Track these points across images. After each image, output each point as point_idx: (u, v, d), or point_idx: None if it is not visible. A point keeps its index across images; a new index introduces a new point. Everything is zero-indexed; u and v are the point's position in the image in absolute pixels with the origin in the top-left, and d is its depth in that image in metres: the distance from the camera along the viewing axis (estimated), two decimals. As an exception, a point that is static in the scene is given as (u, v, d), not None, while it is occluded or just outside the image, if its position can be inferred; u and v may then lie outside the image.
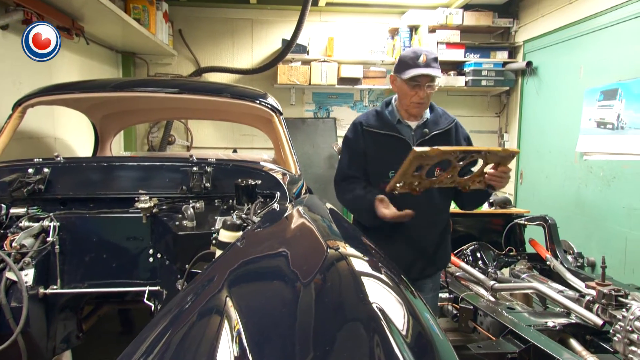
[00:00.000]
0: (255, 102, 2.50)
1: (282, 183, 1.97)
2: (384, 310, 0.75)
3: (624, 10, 3.36)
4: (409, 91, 1.97)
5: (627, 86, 3.35)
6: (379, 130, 2.05)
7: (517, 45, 4.95)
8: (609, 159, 3.52)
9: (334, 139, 5.28)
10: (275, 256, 1.08)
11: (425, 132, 2.07)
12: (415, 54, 1.97)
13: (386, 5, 5.03)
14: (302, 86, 5.02)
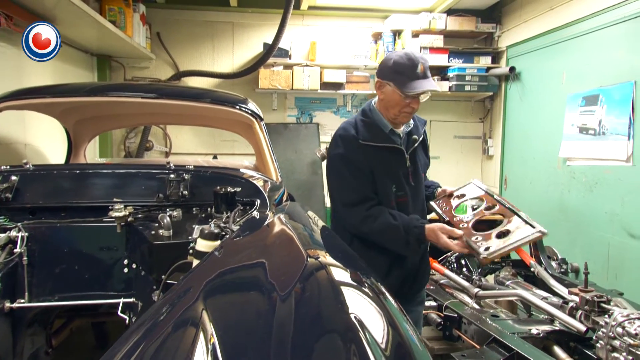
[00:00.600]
0: (235, 107, 2.49)
1: (262, 190, 1.97)
2: (362, 321, 0.76)
3: (605, 17, 3.47)
4: (401, 101, 1.88)
5: (608, 92, 3.45)
6: (377, 144, 1.94)
7: (501, 50, 5.05)
8: (591, 165, 3.61)
9: (316, 145, 5.30)
10: (254, 266, 1.08)
11: (414, 138, 2.04)
12: (411, 62, 1.85)
13: (369, 9, 5.09)
14: (284, 91, 5.04)
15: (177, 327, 0.79)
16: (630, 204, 3.23)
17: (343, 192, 1.97)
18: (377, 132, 1.96)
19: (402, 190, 1.98)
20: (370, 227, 1.89)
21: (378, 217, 1.89)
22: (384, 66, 1.93)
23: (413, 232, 1.86)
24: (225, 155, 5.02)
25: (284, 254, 1.24)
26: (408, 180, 2.01)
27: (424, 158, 2.14)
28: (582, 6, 3.72)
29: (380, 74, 1.94)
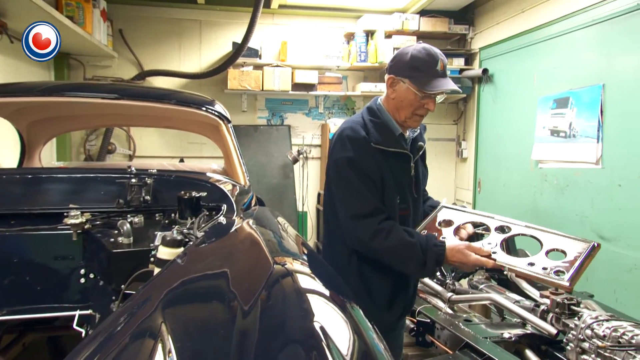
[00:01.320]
0: (201, 109, 2.47)
1: (229, 195, 1.96)
2: (326, 330, 0.76)
3: (574, 20, 3.61)
4: (416, 101, 1.73)
5: (577, 95, 3.58)
6: (389, 148, 1.79)
7: (474, 52, 5.18)
8: (562, 167, 3.74)
9: (288, 147, 5.30)
10: (217, 274, 1.08)
11: (420, 145, 1.92)
12: (431, 57, 1.72)
13: (341, 9, 5.13)
14: (254, 92, 5.02)
15: (133, 339, 0.78)
16: (600, 206, 3.35)
17: (353, 202, 1.76)
18: (388, 135, 1.80)
19: (405, 202, 1.84)
20: (381, 243, 1.71)
21: (391, 232, 1.71)
22: (398, 61, 1.76)
23: (432, 251, 1.69)
24: (192, 159, 4.97)
25: (249, 261, 1.23)
26: (411, 191, 1.88)
27: (424, 168, 2.02)
28: (553, 9, 3.85)
29: (394, 69, 1.78)
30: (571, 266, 1.42)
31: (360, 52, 5.02)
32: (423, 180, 1.99)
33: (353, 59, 5.06)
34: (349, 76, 5.42)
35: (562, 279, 1.37)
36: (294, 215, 5.25)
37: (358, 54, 5.02)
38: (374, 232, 1.71)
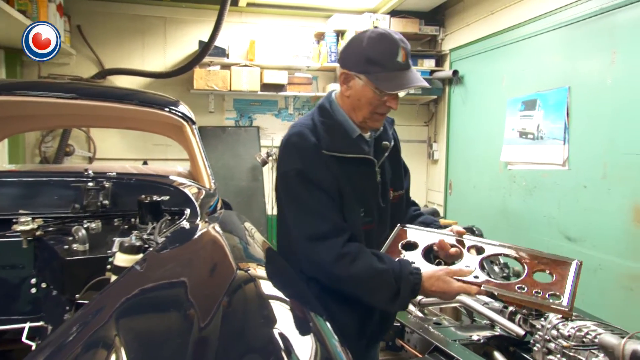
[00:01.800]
0: (164, 109, 2.43)
1: (192, 199, 1.94)
2: (287, 337, 0.77)
3: (541, 23, 3.72)
4: (376, 100, 1.49)
5: (544, 97, 3.70)
6: (345, 154, 1.53)
7: (444, 53, 5.28)
8: (531, 169, 3.85)
9: (257, 149, 5.27)
10: (176, 281, 1.06)
11: (386, 145, 1.65)
12: (390, 46, 1.45)
13: (311, 8, 5.15)
14: (222, 92, 4.98)
15: (84, 351, 0.76)
16: (566, 207, 3.47)
17: (307, 221, 1.50)
18: (343, 138, 1.55)
19: (370, 215, 1.58)
20: (346, 270, 1.44)
21: (357, 257, 1.45)
22: (351, 52, 1.52)
23: (407, 280, 1.43)
24: (157, 161, 4.87)
25: (211, 267, 1.22)
26: (377, 201, 1.61)
27: (395, 170, 1.73)
28: (520, 12, 3.97)
29: (347, 62, 1.52)
30: (563, 288, 1.31)
31: (331, 52, 5.05)
32: (397, 184, 1.71)
33: (323, 59, 5.08)
34: (319, 76, 5.44)
35: (561, 304, 1.25)
36: (263, 219, 5.22)
37: (328, 54, 5.05)
38: (336, 257, 1.44)
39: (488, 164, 4.44)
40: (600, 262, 3.13)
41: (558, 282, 1.34)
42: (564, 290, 1.31)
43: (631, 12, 2.94)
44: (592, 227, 3.23)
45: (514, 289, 1.32)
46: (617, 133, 3.03)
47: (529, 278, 1.36)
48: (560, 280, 1.35)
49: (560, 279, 1.35)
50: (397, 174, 1.73)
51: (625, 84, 2.98)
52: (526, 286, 1.31)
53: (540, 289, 1.30)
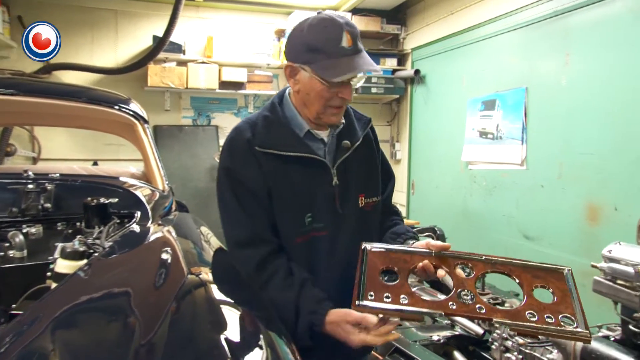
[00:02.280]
0: (113, 107, 2.37)
1: (143, 201, 1.89)
2: (234, 343, 0.76)
3: (499, 24, 3.84)
4: (325, 92, 1.38)
5: (503, 97, 3.82)
6: (283, 152, 1.42)
7: (406, 52, 5.37)
8: (491, 169, 3.97)
9: (216, 149, 5.20)
10: (121, 288, 1.03)
11: (346, 145, 1.50)
12: (332, 30, 1.34)
13: (271, 4, 5.13)
14: (178, 90, 4.89)
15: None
16: (524, 207, 3.59)
17: (230, 224, 1.47)
18: (284, 136, 1.45)
19: (321, 221, 1.46)
20: (260, 288, 1.39)
21: (272, 277, 1.38)
22: (293, 42, 1.42)
23: (305, 319, 1.33)
24: (109, 162, 4.73)
25: (160, 273, 1.19)
26: (333, 206, 1.48)
27: (368, 174, 1.59)
28: (480, 12, 4.09)
29: (290, 54, 1.43)
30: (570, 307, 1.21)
31: (292, 49, 5.03)
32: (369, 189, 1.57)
33: (284, 56, 5.06)
34: (280, 75, 5.42)
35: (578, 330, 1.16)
36: (218, 222, 5.15)
37: (289, 52, 5.03)
38: (253, 270, 1.39)
39: (450, 164, 4.55)
40: (557, 260, 3.22)
41: (562, 299, 1.24)
42: (574, 310, 1.20)
43: (583, 15, 3.08)
44: (548, 226, 3.36)
45: (525, 317, 1.18)
46: (571, 133, 3.17)
47: (532, 299, 1.24)
48: (563, 297, 1.24)
49: (562, 295, 1.25)
50: (370, 179, 1.58)
51: (579, 85, 3.12)
52: (534, 312, 1.20)
53: (549, 313, 1.19)
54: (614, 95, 2.87)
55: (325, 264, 1.45)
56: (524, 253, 3.57)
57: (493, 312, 1.19)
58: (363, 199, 1.54)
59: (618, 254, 1.55)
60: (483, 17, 4.03)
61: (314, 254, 1.45)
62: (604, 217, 2.93)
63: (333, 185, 1.47)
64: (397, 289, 1.23)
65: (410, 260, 1.34)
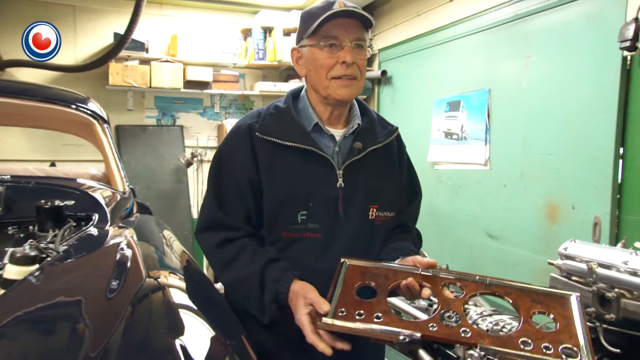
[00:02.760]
0: (70, 107, 2.30)
1: (101, 203, 1.85)
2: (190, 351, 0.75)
3: (463, 26, 3.92)
4: (325, 59, 1.34)
5: (467, 98, 3.90)
6: (285, 142, 1.37)
7: (373, 53, 5.41)
8: (456, 169, 4.05)
9: (181, 149, 5.13)
10: (74, 294, 1.00)
11: (358, 146, 1.42)
12: (326, 2, 1.36)
13: (237, 2, 5.09)
14: (142, 89, 4.79)
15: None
16: (488, 206, 3.68)
17: (205, 205, 1.45)
18: (289, 125, 1.40)
19: (318, 221, 1.38)
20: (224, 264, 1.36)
21: (239, 253, 1.35)
22: (298, 28, 1.45)
23: (271, 289, 1.27)
24: (68, 162, 4.60)
25: (116, 277, 1.16)
26: (334, 208, 1.40)
27: (385, 186, 1.48)
28: (445, 14, 4.16)
29: (296, 40, 1.45)
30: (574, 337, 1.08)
31: (258, 49, 5.02)
32: (383, 202, 1.46)
33: (250, 56, 5.04)
34: (246, 74, 5.39)
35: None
36: (188, 222, 5.09)
37: (256, 52, 5.02)
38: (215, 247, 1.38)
39: (417, 164, 4.50)
40: (518, 258, 3.35)
41: (565, 328, 1.11)
42: (578, 341, 1.07)
43: (542, 19, 3.18)
44: (511, 225, 3.45)
45: (518, 345, 1.05)
46: (531, 134, 3.26)
47: (529, 326, 1.12)
48: (566, 325, 1.11)
49: (565, 324, 1.12)
50: (385, 191, 1.47)
51: (538, 87, 3.22)
52: (530, 339, 1.06)
53: (548, 342, 1.05)
54: (570, 97, 2.97)
55: (311, 268, 1.33)
56: (488, 252, 3.66)
57: (479, 337, 1.08)
58: (375, 211, 1.44)
59: (573, 251, 1.61)
60: (448, 19, 4.11)
61: (300, 255, 1.38)
62: (562, 216, 3.03)
63: (337, 187, 1.39)
64: (373, 306, 1.14)
65: (393, 277, 1.26)
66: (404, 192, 1.58)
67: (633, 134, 2.63)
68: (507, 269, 3.39)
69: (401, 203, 1.55)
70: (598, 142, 2.77)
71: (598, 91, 2.78)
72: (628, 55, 2.59)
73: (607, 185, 2.72)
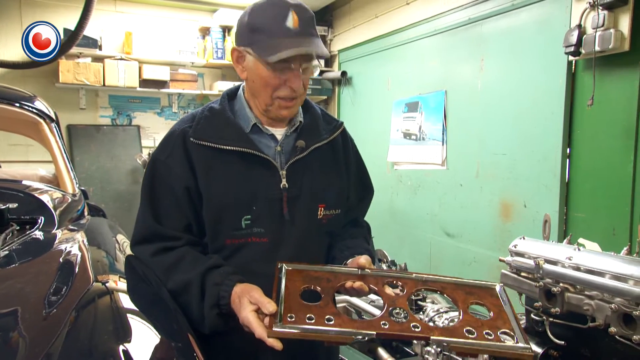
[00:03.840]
0: (14, 105, 2.20)
1: (48, 206, 1.77)
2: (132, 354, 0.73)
3: (421, 28, 4.00)
4: (271, 78, 1.26)
5: (425, 99, 3.98)
6: (222, 145, 1.30)
7: (333, 54, 5.44)
8: (415, 169, 4.12)
9: (138, 150, 5.01)
10: (10, 301, 0.96)
11: (300, 144, 1.37)
12: (276, 7, 1.24)
13: (195, 0, 5.01)
14: (95, 87, 4.64)
15: None
16: (446, 205, 3.76)
17: (138, 223, 1.36)
18: (225, 128, 1.33)
19: (262, 225, 1.33)
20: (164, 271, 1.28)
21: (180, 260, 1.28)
22: (239, 23, 1.32)
23: (212, 293, 1.20)
24: (15, 163, 4.40)
25: (60, 282, 1.12)
26: (280, 210, 1.35)
27: (332, 183, 1.44)
28: (402, 17, 4.23)
29: (236, 37, 1.33)
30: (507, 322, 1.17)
31: (217, 48, 4.96)
32: (330, 200, 1.42)
33: (209, 55, 4.97)
34: (205, 74, 5.31)
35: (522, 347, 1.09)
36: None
37: (214, 51, 4.95)
38: (151, 256, 1.30)
39: (377, 164, 4.66)
40: (475, 255, 3.44)
41: (498, 315, 1.20)
42: (511, 325, 1.16)
43: (495, 23, 3.28)
44: (467, 223, 3.54)
45: (464, 334, 1.11)
46: (486, 134, 3.36)
47: (468, 316, 1.18)
48: (498, 313, 1.21)
49: (498, 311, 1.21)
50: (332, 188, 1.43)
51: (492, 89, 3.32)
52: (472, 328, 1.13)
53: (488, 329, 1.13)
54: (522, 99, 3.08)
55: (262, 274, 1.26)
56: (446, 250, 3.74)
57: (429, 330, 1.13)
58: (323, 210, 1.40)
59: (522, 248, 1.66)
60: (405, 22, 4.18)
61: (248, 261, 1.32)
62: (515, 214, 3.13)
63: (281, 187, 1.34)
64: (322, 309, 1.13)
65: (334, 279, 1.25)
66: (353, 187, 1.53)
67: (578, 135, 2.76)
68: (464, 267, 3.47)
69: (349, 200, 1.52)
70: (547, 143, 2.88)
71: (547, 93, 2.89)
72: (573, 60, 2.71)
73: (556, 184, 2.84)
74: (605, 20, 2.43)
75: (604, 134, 2.62)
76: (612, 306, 1.30)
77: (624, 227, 2.51)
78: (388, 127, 4.42)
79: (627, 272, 1.29)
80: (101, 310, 1.00)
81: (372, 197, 1.66)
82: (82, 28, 4.13)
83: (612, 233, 2.55)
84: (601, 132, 2.63)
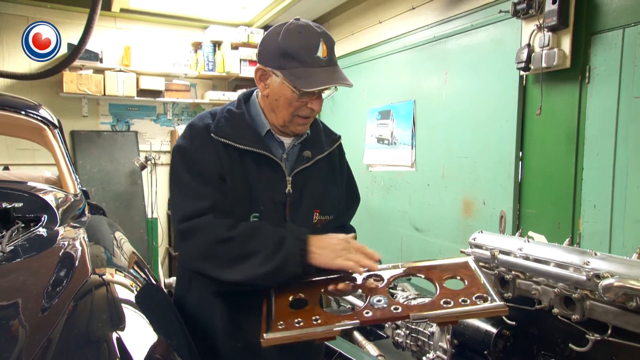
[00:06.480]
0: (20, 113, 2.17)
1: (51, 205, 1.75)
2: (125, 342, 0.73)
3: (393, 44, 4.03)
4: (295, 100, 1.27)
5: (396, 108, 4.02)
6: (239, 145, 1.30)
7: (314, 67, 5.45)
8: (387, 170, 4.15)
9: (135, 154, 4.95)
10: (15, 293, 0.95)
11: (307, 154, 1.38)
12: (310, 39, 1.24)
13: (188, 18, 4.97)
14: (96, 96, 4.57)
15: None
16: (415, 203, 3.80)
17: (184, 200, 1.28)
18: (243, 130, 1.32)
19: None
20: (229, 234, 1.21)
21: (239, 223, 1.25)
22: (267, 45, 1.29)
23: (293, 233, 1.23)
24: (23, 166, 4.32)
25: (61, 275, 1.11)
26: (282, 214, 1.35)
27: (328, 191, 1.44)
28: (375, 34, 4.26)
29: (263, 57, 1.29)
30: (481, 287, 1.16)
31: (208, 61, 4.92)
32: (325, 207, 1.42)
33: (201, 67, 4.94)
34: (197, 84, 5.27)
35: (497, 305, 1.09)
36: (143, 222, 4.91)
37: (206, 63, 4.92)
38: (213, 227, 1.22)
39: (354, 167, 4.60)
40: (440, 248, 3.48)
41: (472, 283, 1.19)
42: (485, 288, 1.15)
43: (457, 41, 3.33)
44: (434, 219, 3.59)
45: (441, 305, 1.11)
46: (450, 139, 3.41)
47: (445, 289, 1.18)
48: (472, 281, 1.20)
49: (471, 280, 1.20)
50: (328, 196, 1.43)
51: (455, 100, 3.37)
52: (449, 299, 1.13)
53: (464, 296, 1.13)
54: (481, 109, 3.13)
55: None
56: (415, 243, 3.78)
57: (409, 309, 1.13)
58: (317, 215, 1.41)
59: (480, 240, 1.69)
60: (379, 38, 4.21)
61: None
62: (475, 210, 3.18)
63: (286, 192, 1.34)
64: (308, 312, 1.14)
65: (318, 284, 1.25)
66: (344, 195, 1.56)
67: (529, 140, 2.82)
68: (431, 257, 3.51)
69: (340, 206, 1.53)
70: (503, 147, 2.94)
71: (502, 104, 2.95)
72: (524, 75, 2.77)
73: (510, 184, 2.89)
74: (550, 40, 2.49)
75: (550, 140, 2.68)
76: (556, 290, 1.34)
77: (568, 221, 2.57)
78: (363, 133, 4.44)
79: (568, 260, 1.33)
80: (97, 300, 0.99)
81: (359, 204, 1.68)
82: (84, 44, 4.06)
83: (558, 227, 2.62)
84: (548, 138, 2.69)
